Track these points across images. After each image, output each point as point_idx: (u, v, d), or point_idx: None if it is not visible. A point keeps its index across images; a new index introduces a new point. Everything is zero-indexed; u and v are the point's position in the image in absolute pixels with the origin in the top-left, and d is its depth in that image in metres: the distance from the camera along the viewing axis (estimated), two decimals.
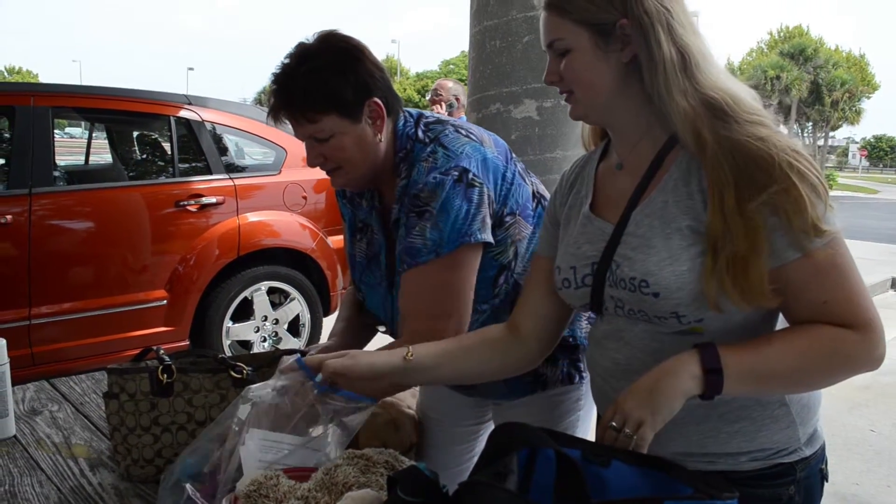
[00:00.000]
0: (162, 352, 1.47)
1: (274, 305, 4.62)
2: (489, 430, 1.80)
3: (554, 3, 1.17)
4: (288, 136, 4.73)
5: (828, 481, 1.26)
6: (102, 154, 5.65)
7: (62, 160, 5.00)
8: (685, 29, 1.10)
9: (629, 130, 1.20)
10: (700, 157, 1.08)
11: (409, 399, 2.14)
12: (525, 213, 1.50)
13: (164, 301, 4.16)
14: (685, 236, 1.09)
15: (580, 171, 1.33)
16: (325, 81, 1.38)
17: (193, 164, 4.43)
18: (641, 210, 1.15)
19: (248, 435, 1.18)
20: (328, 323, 4.39)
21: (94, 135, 5.56)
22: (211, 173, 4.36)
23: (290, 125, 1.43)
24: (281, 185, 4.59)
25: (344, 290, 2.93)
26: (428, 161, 1.42)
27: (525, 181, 1.52)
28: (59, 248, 3.87)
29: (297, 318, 4.70)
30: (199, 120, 4.39)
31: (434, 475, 1.00)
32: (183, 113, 4.37)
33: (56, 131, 4.13)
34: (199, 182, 4.31)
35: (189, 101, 4.44)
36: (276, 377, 1.27)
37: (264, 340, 4.59)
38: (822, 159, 37.92)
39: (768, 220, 1.03)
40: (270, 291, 4.59)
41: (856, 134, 77.58)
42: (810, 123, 41.37)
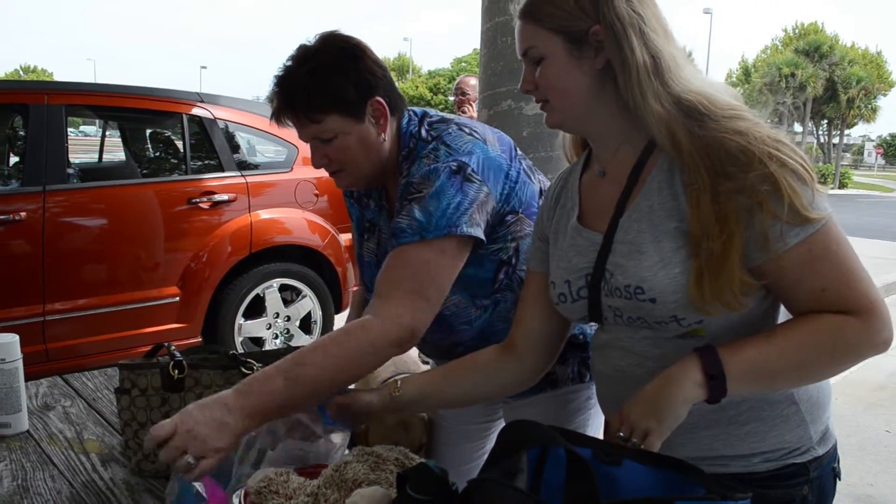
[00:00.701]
0: (173, 348, 1.48)
1: (286, 302, 4.64)
2: (499, 428, 1.78)
3: (528, 11, 1.17)
4: None
5: (840, 480, 1.25)
6: (116, 152, 5.67)
7: (76, 158, 5.02)
8: (657, 34, 1.10)
9: (608, 137, 1.20)
10: (678, 159, 1.08)
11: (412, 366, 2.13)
12: (529, 210, 1.49)
13: (177, 298, 4.18)
14: (674, 238, 1.08)
15: (564, 184, 1.33)
16: (326, 81, 1.37)
17: (206, 162, 4.44)
18: (629, 216, 1.14)
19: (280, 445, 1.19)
20: (340, 320, 4.39)
21: (107, 133, 5.58)
22: (223, 171, 4.37)
23: (294, 127, 1.43)
24: (293, 182, 4.60)
25: (356, 287, 2.92)
26: (429, 157, 1.40)
27: (531, 179, 1.51)
28: (73, 245, 3.90)
29: (308, 315, 4.70)
30: (212, 117, 4.41)
31: (444, 472, 1.00)
32: (195, 111, 4.38)
33: (70, 130, 4.15)
34: (212, 179, 4.33)
35: (201, 98, 4.46)
36: None
37: (276, 337, 4.60)
38: (838, 157, 37.61)
39: (751, 216, 1.02)
40: (282, 288, 4.60)
41: (872, 132, 77.05)
42: (825, 121, 41.06)
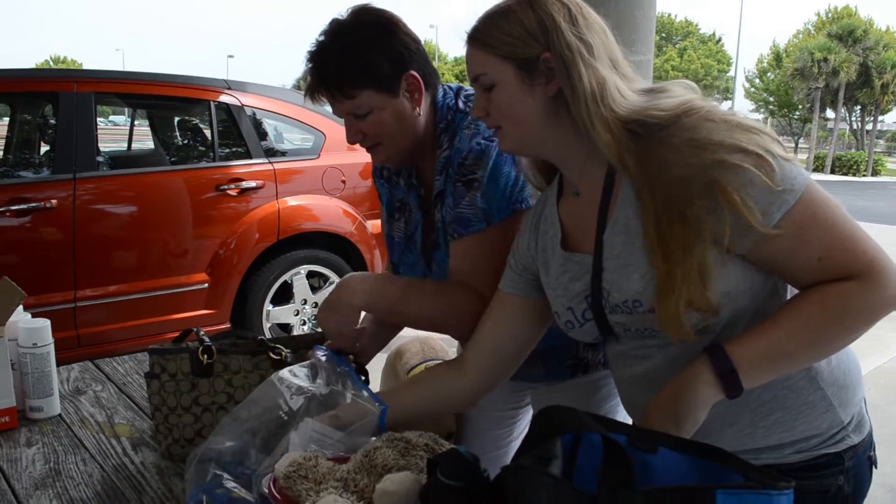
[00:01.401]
0: (202, 333, 1.48)
1: (313, 289, 4.65)
2: (527, 415, 1.79)
3: (477, 37, 1.16)
4: (327, 120, 4.73)
5: (877, 468, 1.22)
6: (145, 141, 5.72)
7: (105, 147, 5.06)
8: (602, 63, 1.09)
9: (570, 158, 1.19)
10: (631, 181, 1.08)
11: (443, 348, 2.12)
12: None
13: (206, 284, 4.21)
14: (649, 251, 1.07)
15: (541, 212, 1.30)
16: (360, 56, 1.36)
17: (233, 149, 4.46)
18: (610, 231, 1.13)
19: (301, 423, 1.18)
20: None
21: (136, 122, 5.63)
22: (251, 158, 4.39)
23: (329, 103, 1.42)
24: (320, 169, 4.60)
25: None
26: (470, 128, 1.42)
27: None
28: (103, 232, 3.93)
29: None
30: (239, 104, 4.42)
31: (475, 458, 0.98)
32: (223, 98, 4.40)
33: (100, 119, 4.18)
34: (239, 166, 4.34)
35: (229, 85, 4.47)
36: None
37: (304, 324, 4.62)
38: (871, 144, 36.90)
39: (714, 223, 1.00)
40: (310, 275, 4.62)
41: None
42: (858, 107, 40.30)
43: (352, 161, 4.66)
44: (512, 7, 1.12)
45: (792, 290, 1.12)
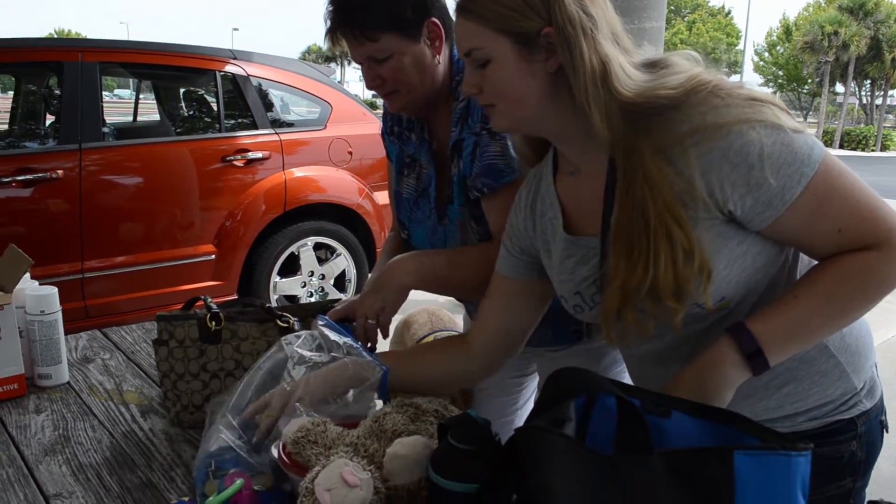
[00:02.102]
0: (209, 300, 1.47)
1: (320, 261, 4.65)
2: (533, 382, 1.78)
3: (470, 7, 1.06)
4: (333, 91, 4.69)
5: (888, 432, 1.21)
6: (151, 115, 5.70)
7: (111, 120, 5.04)
8: (606, 39, 1.01)
9: (570, 137, 1.12)
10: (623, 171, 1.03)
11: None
12: None
13: (213, 256, 4.20)
14: None
15: (536, 191, 1.24)
16: None
17: (239, 120, 4.43)
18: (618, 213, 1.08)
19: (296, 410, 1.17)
20: None
21: (141, 95, 5.60)
22: (257, 128, 4.36)
23: (348, 46, 1.40)
24: (326, 140, 4.57)
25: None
26: None
27: None
28: (109, 203, 3.92)
29: (343, 273, 4.71)
30: (245, 74, 4.38)
31: (486, 423, 0.97)
32: (228, 68, 4.36)
33: (105, 93, 4.15)
34: (245, 137, 4.31)
35: (234, 55, 4.43)
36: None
37: (311, 295, 4.62)
38: (881, 119, 36.58)
39: (726, 204, 0.98)
40: (317, 247, 4.61)
41: None
42: (868, 81, 39.95)
43: (359, 132, 4.63)
44: None
45: (802, 256, 1.11)
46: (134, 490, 1.21)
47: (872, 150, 32.81)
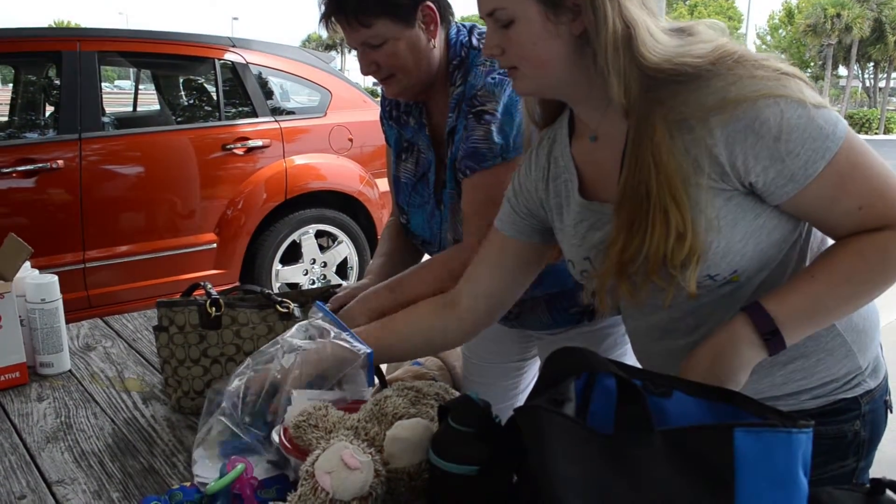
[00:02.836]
0: (209, 286, 1.47)
1: (322, 248, 4.64)
2: (533, 366, 1.79)
3: None
4: (333, 78, 4.67)
5: (892, 412, 1.21)
6: (150, 105, 5.68)
7: (111, 109, 5.03)
8: (633, 2, 0.99)
9: (592, 100, 1.10)
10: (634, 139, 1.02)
11: (452, 359, 2.13)
12: None
13: (214, 244, 4.20)
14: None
15: (549, 152, 1.22)
16: None
17: (239, 108, 4.41)
18: None
19: (294, 396, 1.16)
20: None
21: (140, 86, 5.58)
22: (257, 116, 4.34)
23: (343, 32, 1.40)
24: (327, 127, 4.56)
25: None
26: (485, 65, 1.41)
27: None
28: (110, 193, 3.91)
29: (345, 260, 4.71)
30: (244, 62, 4.36)
31: (486, 405, 0.97)
32: (227, 56, 4.34)
33: (105, 84, 4.13)
34: (245, 125, 4.30)
35: (233, 43, 4.41)
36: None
37: (313, 283, 4.62)
38: (884, 102, 36.42)
39: (748, 176, 0.97)
40: (318, 235, 4.60)
41: None
42: (871, 64, 39.74)
43: (359, 119, 4.61)
44: None
45: (813, 234, 1.10)
46: (136, 476, 1.21)
47: (876, 133, 32.68)
